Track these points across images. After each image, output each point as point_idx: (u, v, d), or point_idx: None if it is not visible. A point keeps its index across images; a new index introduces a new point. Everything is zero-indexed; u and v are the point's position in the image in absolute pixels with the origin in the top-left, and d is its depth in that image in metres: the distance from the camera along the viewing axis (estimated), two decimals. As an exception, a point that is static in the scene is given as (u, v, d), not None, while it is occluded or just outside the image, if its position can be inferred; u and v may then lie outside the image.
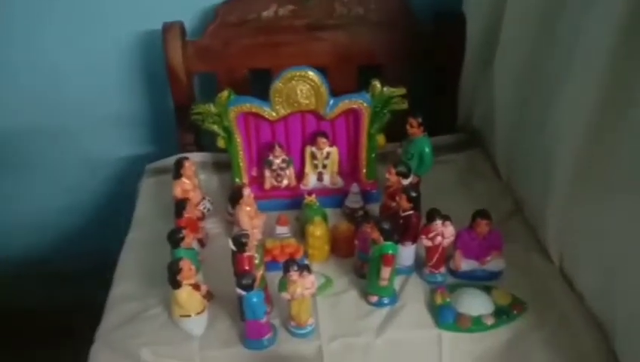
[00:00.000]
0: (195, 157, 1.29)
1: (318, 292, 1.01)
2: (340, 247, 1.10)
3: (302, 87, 1.11)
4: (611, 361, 0.89)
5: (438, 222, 0.97)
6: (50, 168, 1.60)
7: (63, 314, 1.59)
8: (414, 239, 1.01)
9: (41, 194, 1.64)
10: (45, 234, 1.72)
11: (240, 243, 0.89)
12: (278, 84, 1.10)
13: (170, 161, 1.23)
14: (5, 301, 1.70)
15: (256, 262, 0.93)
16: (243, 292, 0.87)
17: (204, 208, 1.18)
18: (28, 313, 1.67)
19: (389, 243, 0.93)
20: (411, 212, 0.99)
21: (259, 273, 0.93)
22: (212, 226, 1.18)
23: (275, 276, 0.95)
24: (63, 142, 1.54)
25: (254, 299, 0.87)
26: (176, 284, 0.91)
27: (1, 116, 1.46)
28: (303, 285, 0.88)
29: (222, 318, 0.98)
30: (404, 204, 0.98)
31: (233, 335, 0.95)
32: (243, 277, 0.87)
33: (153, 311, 1.00)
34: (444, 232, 0.98)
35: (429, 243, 0.99)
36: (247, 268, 0.90)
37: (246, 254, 0.91)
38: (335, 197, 1.21)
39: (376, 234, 0.93)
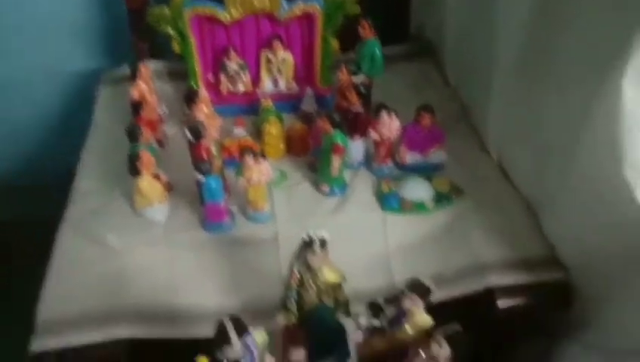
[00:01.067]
0: (150, 65, 1.30)
1: (274, 184, 1.08)
2: (294, 146, 1.16)
3: (255, -12, 1.12)
4: (538, 236, 1.00)
5: (385, 115, 1.03)
6: (9, 82, 1.57)
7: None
8: (363, 133, 1.08)
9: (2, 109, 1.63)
10: (7, 149, 1.72)
11: (196, 131, 0.94)
12: (231, -16, 1.11)
13: (126, 70, 1.24)
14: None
15: (214, 152, 0.98)
16: (201, 177, 0.92)
17: (162, 112, 1.21)
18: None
19: (338, 133, 0.99)
20: (360, 107, 1.05)
21: (216, 162, 0.98)
22: (170, 130, 1.22)
23: (233, 172, 1.00)
24: (21, 55, 1.51)
25: (212, 183, 0.93)
26: (136, 173, 0.95)
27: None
28: (259, 171, 0.94)
29: (183, 207, 1.04)
30: (354, 99, 1.04)
31: (194, 220, 1.01)
32: (201, 163, 0.92)
33: (117, 203, 1.04)
34: (391, 125, 1.05)
35: (376, 137, 1.06)
36: (204, 155, 0.95)
37: (202, 143, 0.95)
38: (291, 103, 1.25)
39: (327, 125, 0.99)
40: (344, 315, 0.82)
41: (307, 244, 0.75)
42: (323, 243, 0.75)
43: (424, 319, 0.71)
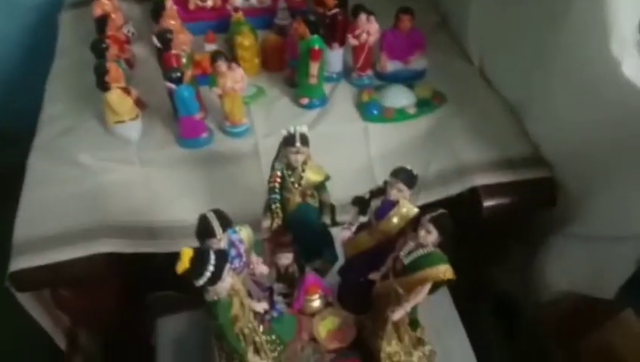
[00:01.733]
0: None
1: (251, 100, 1.05)
2: (270, 60, 1.12)
3: None
4: (522, 137, 0.99)
5: (363, 16, 0.99)
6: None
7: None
8: (342, 41, 1.04)
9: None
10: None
11: (164, 38, 0.89)
12: None
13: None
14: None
15: (184, 61, 0.94)
16: (173, 86, 0.88)
17: (128, 31, 1.15)
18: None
19: (315, 36, 0.95)
20: (337, 10, 1.00)
21: (188, 72, 0.94)
22: (139, 50, 1.16)
23: (210, 91, 0.96)
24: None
25: (185, 93, 0.89)
26: (104, 86, 0.91)
27: None
28: (233, 78, 0.90)
29: (157, 125, 1.00)
30: (330, 1, 0.99)
31: (170, 138, 0.98)
32: (171, 71, 0.88)
33: (88, 124, 1.00)
34: (369, 29, 1.01)
35: (355, 42, 1.02)
36: (174, 63, 0.90)
37: (172, 52, 0.91)
38: (264, 18, 1.20)
39: (303, 29, 0.95)
40: (329, 217, 0.80)
41: (287, 141, 0.72)
42: (304, 139, 0.72)
43: (410, 208, 0.70)
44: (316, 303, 0.80)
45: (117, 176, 0.93)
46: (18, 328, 0.92)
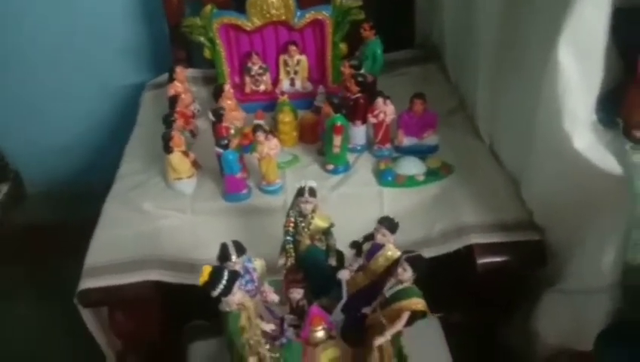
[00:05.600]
0: (187, 72, 1.51)
1: (286, 165, 1.25)
2: (306, 134, 1.33)
3: (273, -1, 1.32)
4: (518, 204, 1.11)
5: (380, 100, 1.19)
6: (68, 95, 1.83)
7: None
8: (363, 119, 1.24)
9: (61, 119, 1.89)
10: (62, 157, 1.98)
11: (218, 114, 1.13)
12: (252, -3, 1.31)
13: (166, 76, 1.46)
14: (35, 216, 1.97)
15: (232, 132, 1.16)
16: (221, 151, 1.10)
17: (195, 109, 1.42)
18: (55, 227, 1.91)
19: (338, 115, 1.15)
20: (360, 94, 1.21)
21: (235, 141, 1.16)
22: (201, 124, 1.42)
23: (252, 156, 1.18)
24: (79, 71, 1.77)
25: (230, 157, 1.11)
26: (168, 150, 1.14)
27: (29, 49, 1.70)
28: (269, 146, 1.11)
29: (208, 183, 1.22)
30: (353, 87, 1.21)
31: (217, 193, 1.19)
32: (220, 139, 1.11)
33: (154, 181, 1.24)
34: (386, 110, 1.20)
35: (374, 120, 1.21)
36: (224, 133, 1.13)
37: (223, 124, 1.14)
38: (306, 100, 1.43)
39: (328, 109, 1.16)
40: (335, 258, 0.96)
41: (299, 192, 0.90)
42: (312, 192, 0.90)
43: (394, 250, 0.84)
44: (320, 334, 0.93)
45: (171, 221, 1.14)
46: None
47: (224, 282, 0.74)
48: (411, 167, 1.19)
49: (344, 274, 0.91)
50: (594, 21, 0.79)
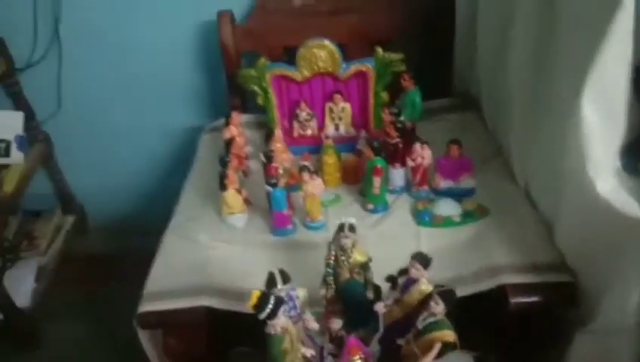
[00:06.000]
0: (242, 117, 1.65)
1: (329, 204, 1.34)
2: (348, 175, 1.42)
3: (321, 53, 1.44)
4: (551, 246, 1.16)
5: (418, 145, 1.27)
6: (131, 137, 2.01)
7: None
8: (402, 162, 1.32)
9: (125, 159, 2.07)
10: (130, 194, 2.15)
11: (268, 155, 1.24)
12: (302, 51, 1.45)
13: (223, 121, 1.60)
14: (96, 248, 2.13)
15: (281, 172, 1.27)
16: (270, 189, 1.21)
17: (248, 151, 1.54)
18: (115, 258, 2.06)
19: (377, 158, 1.24)
20: (398, 139, 1.30)
21: (283, 180, 1.27)
22: (253, 165, 1.54)
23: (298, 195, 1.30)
24: (143, 115, 1.95)
25: (278, 194, 1.21)
26: (223, 187, 1.26)
27: (99, 92, 1.90)
28: (313, 185, 1.21)
29: (258, 219, 1.33)
30: (393, 133, 1.30)
31: (265, 227, 1.30)
32: (270, 178, 1.21)
33: (209, 215, 1.36)
34: (424, 154, 1.28)
35: (411, 163, 1.30)
36: (273, 173, 1.24)
37: (273, 165, 1.25)
38: (349, 144, 1.52)
39: (369, 152, 1.25)
40: (372, 292, 1.03)
41: (340, 228, 0.99)
42: (352, 228, 0.98)
43: (426, 285, 0.90)
44: (356, 363, 1.00)
45: (223, 251, 1.25)
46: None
47: (270, 306, 0.83)
48: (448, 208, 1.26)
49: (380, 307, 0.98)
50: (616, 76, 0.86)
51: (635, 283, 0.87)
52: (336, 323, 1.00)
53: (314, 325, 0.97)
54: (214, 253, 1.25)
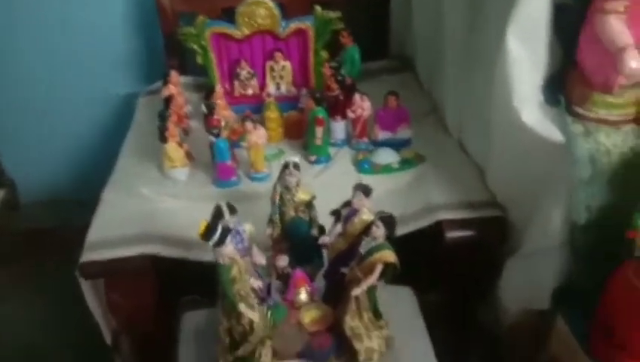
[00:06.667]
0: (181, 79, 1.63)
1: (273, 158, 1.36)
2: (290, 130, 1.44)
3: (260, 10, 1.45)
4: (483, 187, 1.23)
5: (357, 96, 1.31)
6: (67, 106, 1.94)
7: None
8: (343, 114, 1.36)
9: (60, 129, 1.99)
10: (60, 164, 2.07)
11: (210, 107, 1.25)
12: (241, 8, 1.45)
13: (161, 84, 1.57)
14: (30, 223, 2.04)
15: (223, 124, 1.27)
16: (213, 139, 1.21)
17: (187, 110, 1.53)
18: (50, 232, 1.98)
19: (319, 108, 1.27)
20: (339, 91, 1.34)
21: (225, 132, 1.27)
22: (194, 124, 1.53)
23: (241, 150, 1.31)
24: (76, 80, 1.88)
25: (221, 144, 1.22)
26: (164, 139, 1.25)
27: (26, 57, 1.81)
28: (257, 135, 1.23)
29: (200, 172, 1.32)
30: (333, 85, 1.34)
31: (208, 180, 1.30)
32: (213, 128, 1.22)
33: (150, 171, 1.34)
34: (363, 106, 1.32)
35: (352, 115, 1.33)
36: (215, 124, 1.24)
37: (214, 117, 1.25)
38: (291, 103, 1.54)
39: (310, 103, 1.28)
40: (317, 230, 1.06)
41: (285, 166, 1.01)
42: (296, 166, 1.01)
43: (368, 214, 0.95)
44: (303, 296, 1.02)
45: (167, 205, 1.24)
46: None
47: (218, 234, 0.84)
48: (387, 156, 1.31)
49: (325, 239, 1.02)
50: (538, 13, 0.94)
51: (557, 206, 0.94)
52: (283, 260, 1.02)
53: (261, 259, 0.99)
54: (158, 205, 1.24)
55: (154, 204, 1.23)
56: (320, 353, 0.95)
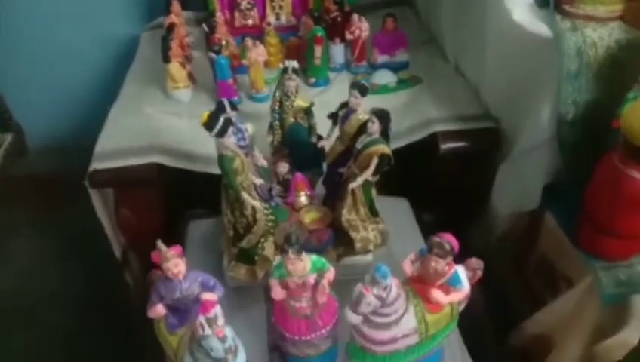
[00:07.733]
0: (182, 13, 1.65)
1: (273, 80, 1.38)
2: (290, 56, 1.45)
3: (259, -62, 1.47)
4: (477, 102, 1.27)
5: (356, 16, 1.34)
6: (70, 50, 1.96)
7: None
8: (342, 37, 1.38)
9: (64, 73, 2.02)
10: (60, 110, 2.10)
11: (211, 25, 1.27)
12: None
13: (163, 20, 1.60)
14: (36, 167, 2.09)
15: (224, 43, 1.30)
16: (215, 56, 1.24)
17: (190, 40, 1.56)
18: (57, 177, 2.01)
19: (317, 27, 1.30)
20: (337, 12, 1.36)
21: (226, 52, 1.30)
22: (196, 53, 1.56)
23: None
24: (78, 24, 1.90)
25: (222, 61, 1.25)
26: (167, 59, 1.28)
27: (27, 5, 1.83)
28: (257, 52, 1.26)
29: (202, 93, 1.37)
30: (332, 7, 1.36)
31: (210, 100, 1.34)
32: (214, 45, 1.25)
33: (154, 92, 1.38)
34: (361, 27, 1.35)
35: (350, 37, 1.36)
36: (216, 41, 1.27)
37: (216, 35, 1.28)
38: (290, 32, 1.57)
39: (310, 23, 1.30)
40: (316, 137, 1.10)
41: (284, 71, 1.04)
42: (295, 70, 1.04)
43: (363, 114, 0.98)
44: (303, 198, 1.07)
45: (171, 122, 1.28)
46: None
47: (220, 124, 0.88)
48: (385, 77, 1.35)
49: (324, 142, 1.06)
50: None
51: (546, 101, 0.98)
52: (283, 167, 1.06)
53: (263, 162, 1.03)
54: (162, 123, 1.28)
55: (159, 122, 1.28)
56: (319, 245, 1.00)
